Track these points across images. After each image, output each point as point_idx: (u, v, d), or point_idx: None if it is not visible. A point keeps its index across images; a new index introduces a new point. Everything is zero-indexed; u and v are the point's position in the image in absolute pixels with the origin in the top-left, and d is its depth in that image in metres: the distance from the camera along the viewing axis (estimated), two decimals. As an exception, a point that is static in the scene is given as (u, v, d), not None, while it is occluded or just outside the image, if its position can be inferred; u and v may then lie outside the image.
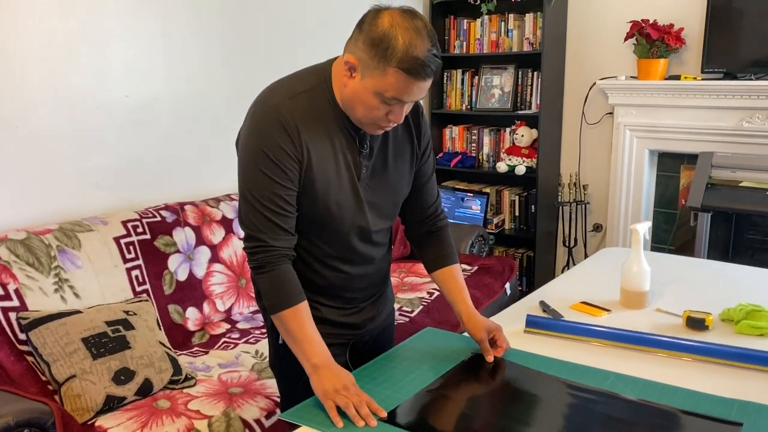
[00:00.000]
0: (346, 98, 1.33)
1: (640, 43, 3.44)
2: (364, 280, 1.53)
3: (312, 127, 1.34)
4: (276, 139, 1.31)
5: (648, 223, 1.83)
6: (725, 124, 3.32)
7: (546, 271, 4.03)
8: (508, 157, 3.95)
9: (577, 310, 1.79)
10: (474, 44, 4.00)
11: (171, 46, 2.70)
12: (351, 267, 1.49)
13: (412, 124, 1.50)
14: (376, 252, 1.53)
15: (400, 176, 1.49)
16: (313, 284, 1.47)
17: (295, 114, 1.33)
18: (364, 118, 1.33)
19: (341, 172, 1.38)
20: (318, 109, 1.35)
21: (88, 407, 1.82)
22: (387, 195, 1.48)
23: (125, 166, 2.58)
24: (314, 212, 1.38)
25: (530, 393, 1.34)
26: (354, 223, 1.43)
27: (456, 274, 1.60)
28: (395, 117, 1.32)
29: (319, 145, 1.35)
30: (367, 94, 1.28)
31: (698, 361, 1.48)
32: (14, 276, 1.99)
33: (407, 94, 1.27)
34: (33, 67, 2.26)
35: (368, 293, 1.57)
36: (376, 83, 1.26)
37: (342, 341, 1.54)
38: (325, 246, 1.45)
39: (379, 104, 1.29)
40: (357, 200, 1.42)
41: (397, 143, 1.47)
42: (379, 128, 1.36)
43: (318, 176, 1.35)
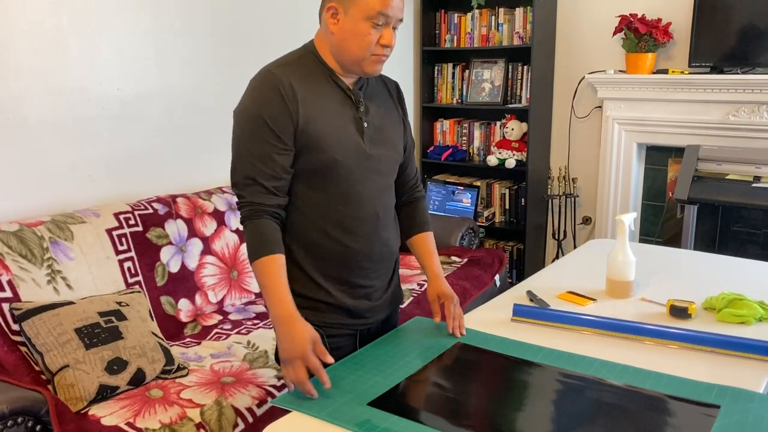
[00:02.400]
0: (338, 44, 1.43)
1: (628, 38, 3.48)
2: (374, 250, 1.54)
3: (307, 86, 1.44)
4: (269, 99, 1.40)
5: (634, 214, 1.86)
6: (712, 118, 3.36)
7: (536, 264, 4.07)
8: (498, 150, 3.98)
9: (564, 300, 1.82)
10: (464, 38, 4.03)
11: (163, 39, 2.71)
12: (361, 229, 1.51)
13: (396, 97, 1.64)
14: (383, 212, 1.56)
15: (395, 136, 1.59)
16: (323, 264, 1.51)
17: (290, 75, 1.43)
18: (359, 51, 1.42)
19: (344, 126, 1.46)
20: (311, 72, 1.46)
21: (82, 396, 1.84)
22: (389, 151, 1.56)
23: (117, 158, 2.59)
24: (320, 164, 1.44)
25: (517, 380, 1.37)
26: (359, 175, 1.48)
27: (428, 240, 1.69)
28: (386, 39, 1.42)
29: (317, 101, 1.44)
30: (356, 25, 1.40)
31: (681, 348, 1.52)
32: (7, 267, 2.00)
33: (390, 7, 1.39)
34: (24, 59, 2.27)
35: (377, 273, 1.58)
36: (360, 9, 1.39)
37: (351, 332, 1.58)
38: (333, 210, 1.48)
39: (369, 29, 1.40)
40: (362, 153, 1.48)
41: (386, 107, 1.59)
42: (377, 60, 1.44)
43: (319, 130, 1.43)
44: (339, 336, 1.55)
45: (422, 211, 1.72)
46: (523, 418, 1.21)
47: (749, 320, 1.63)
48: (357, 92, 1.51)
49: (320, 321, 1.51)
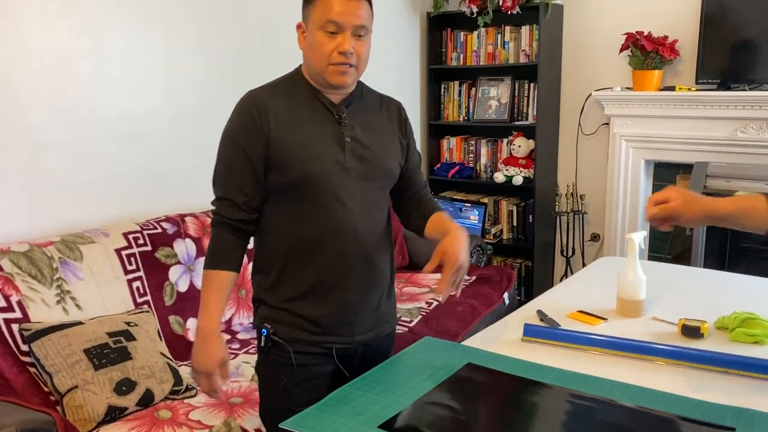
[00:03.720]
0: (306, 59, 1.50)
1: (635, 55, 3.48)
2: (348, 264, 1.51)
3: (284, 105, 1.48)
4: (242, 120, 1.47)
5: (644, 233, 1.85)
6: (720, 135, 3.36)
7: (544, 281, 4.06)
8: (505, 167, 3.99)
9: (574, 319, 1.81)
10: (471, 56, 4.04)
11: (172, 60, 2.73)
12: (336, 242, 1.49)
13: (397, 117, 1.64)
14: (367, 234, 1.52)
15: (386, 155, 1.57)
16: (293, 275, 1.51)
17: (268, 97, 1.49)
18: (318, 61, 1.45)
19: (320, 140, 1.48)
20: (292, 92, 1.51)
21: (90, 418, 1.84)
22: (376, 168, 1.54)
23: (126, 178, 2.61)
24: (293, 178, 1.46)
25: (528, 401, 1.36)
26: (337, 189, 1.48)
27: (441, 214, 1.64)
28: (342, 46, 1.43)
29: (291, 118, 1.48)
30: (313, 36, 1.45)
31: (693, 368, 1.50)
32: (17, 288, 2.01)
33: (339, 14, 1.41)
34: (36, 80, 2.29)
35: (352, 289, 1.53)
36: (314, 21, 1.44)
37: (322, 350, 1.53)
38: (313, 224, 1.48)
39: (323, 38, 1.43)
40: (340, 167, 1.48)
41: (380, 126, 1.59)
42: (338, 71, 1.45)
43: (291, 144, 1.46)
44: (308, 354, 1.52)
45: (431, 201, 1.71)
46: (535, 441, 1.20)
47: (763, 340, 1.62)
48: (340, 108, 1.52)
49: (288, 335, 1.51)
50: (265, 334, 1.52)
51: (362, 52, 1.47)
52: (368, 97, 1.60)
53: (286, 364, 1.51)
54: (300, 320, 1.52)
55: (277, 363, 1.52)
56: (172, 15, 2.70)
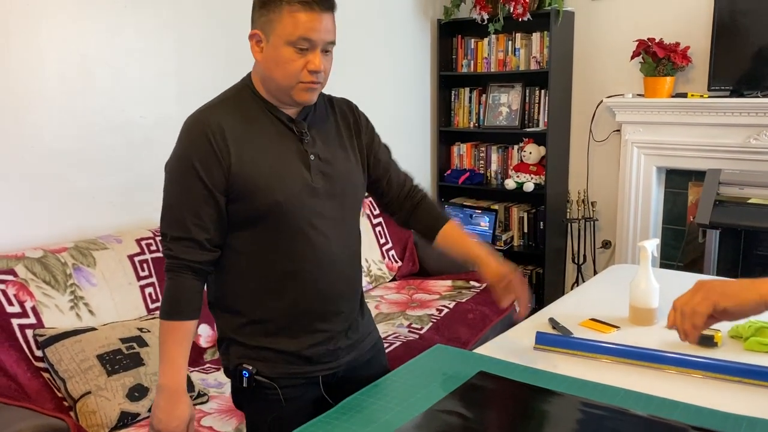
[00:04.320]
0: (264, 72, 1.35)
1: (646, 62, 3.48)
2: (330, 292, 1.43)
3: (240, 126, 1.35)
4: (196, 146, 1.32)
5: (656, 240, 1.85)
6: (732, 141, 3.34)
7: (555, 288, 4.04)
8: (516, 174, 3.98)
9: (587, 327, 1.80)
10: (481, 63, 4.05)
11: (184, 67, 2.75)
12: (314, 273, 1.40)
13: (350, 118, 1.51)
14: (343, 255, 1.44)
15: (350, 167, 1.46)
16: (270, 311, 1.40)
17: (221, 117, 1.34)
18: (285, 79, 1.32)
19: (285, 162, 1.36)
20: (245, 109, 1.38)
21: (103, 423, 1.85)
22: (343, 183, 1.44)
23: (139, 184, 2.62)
24: (260, 207, 1.34)
25: (540, 410, 1.35)
26: (309, 213, 1.37)
27: (455, 226, 1.57)
28: (313, 65, 1.31)
29: (251, 141, 1.34)
30: (278, 51, 1.31)
31: (707, 377, 1.49)
32: (31, 294, 2.03)
33: (312, 30, 1.29)
34: (50, 88, 2.31)
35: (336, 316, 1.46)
36: (280, 35, 1.29)
37: (306, 381, 1.45)
38: (285, 254, 1.37)
39: (292, 54, 1.30)
40: (308, 189, 1.37)
41: (336, 133, 1.47)
42: (306, 88, 1.34)
43: (255, 171, 1.33)
44: (295, 387, 1.43)
45: (434, 207, 1.60)
46: (548, 451, 1.19)
47: (777, 349, 1.60)
48: (299, 122, 1.39)
49: (272, 372, 1.41)
50: (246, 375, 1.40)
51: (328, 67, 1.36)
52: (319, 104, 1.46)
53: (273, 400, 1.41)
54: (284, 355, 1.41)
55: (263, 400, 1.42)
56: (184, 22, 2.73)
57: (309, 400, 1.46)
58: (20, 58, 2.22)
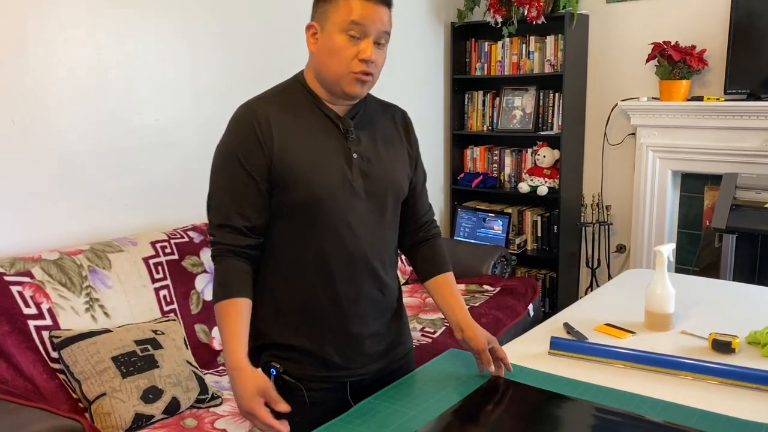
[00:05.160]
0: (319, 64, 1.37)
1: (661, 65, 3.45)
2: (362, 294, 1.42)
3: (287, 118, 1.37)
4: (242, 135, 1.35)
5: (672, 245, 1.83)
6: (749, 145, 3.31)
7: (569, 293, 4.02)
8: (530, 177, 3.97)
9: (602, 332, 1.79)
10: (495, 66, 4.04)
11: (199, 70, 2.77)
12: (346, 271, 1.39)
13: (403, 128, 1.52)
14: (373, 251, 1.42)
15: (395, 168, 1.46)
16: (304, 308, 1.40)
17: (268, 109, 1.36)
18: (337, 67, 1.33)
19: (327, 157, 1.37)
20: (293, 102, 1.40)
21: (118, 425, 1.86)
22: (384, 185, 1.43)
23: (154, 187, 2.64)
24: (297, 199, 1.35)
25: (554, 415, 1.34)
26: (345, 211, 1.37)
27: (450, 281, 1.55)
28: (365, 53, 1.32)
29: (296, 133, 1.36)
30: (332, 38, 1.33)
31: (724, 384, 1.47)
32: (47, 295, 2.04)
33: (364, 17, 1.31)
34: (66, 92, 2.33)
35: (367, 319, 1.45)
36: (334, 21, 1.32)
37: (334, 385, 1.44)
38: (318, 250, 1.37)
39: (345, 42, 1.32)
40: (347, 186, 1.37)
41: (387, 137, 1.47)
42: (356, 79, 1.34)
43: (296, 162, 1.34)
44: (321, 390, 1.42)
45: (441, 251, 1.58)
46: (563, 457, 1.18)
47: (796, 356, 1.58)
48: (347, 120, 1.40)
49: (299, 373, 1.40)
50: (274, 373, 1.40)
51: (380, 61, 1.37)
52: (371, 106, 1.48)
53: (298, 401, 1.38)
54: (311, 357, 1.41)
55: (288, 400, 1.34)
56: (198, 25, 2.74)
57: (334, 406, 1.43)
58: (37, 62, 2.24)
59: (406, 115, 1.55)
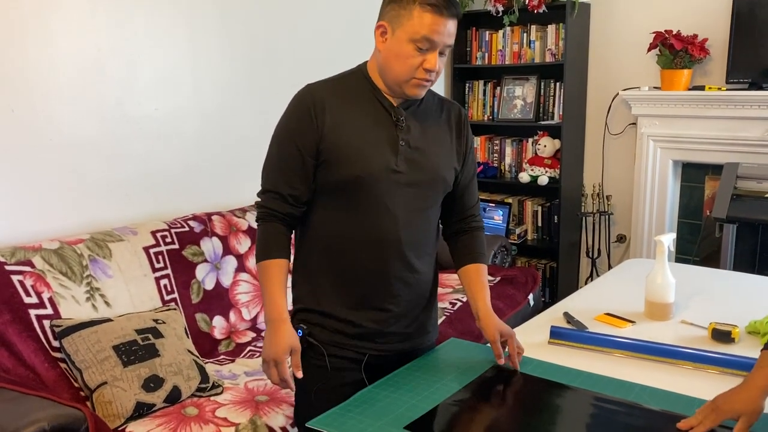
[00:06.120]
0: (383, 62, 1.44)
1: (663, 54, 3.44)
2: (391, 273, 1.49)
3: (342, 102, 1.45)
4: (297, 114, 1.46)
5: (672, 235, 1.83)
6: (750, 135, 3.30)
7: (569, 282, 4.02)
8: (530, 167, 3.96)
9: (602, 322, 1.79)
10: (496, 55, 4.03)
11: (199, 60, 2.76)
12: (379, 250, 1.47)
13: (456, 123, 1.58)
14: (408, 235, 1.49)
15: (440, 160, 1.52)
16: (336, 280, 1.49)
17: (326, 92, 1.46)
18: (402, 72, 1.41)
19: (374, 142, 1.45)
20: (351, 89, 1.48)
21: (119, 413, 1.86)
22: (426, 174, 1.49)
23: (154, 177, 2.64)
24: (341, 178, 1.44)
25: (554, 404, 1.35)
26: (385, 195, 1.45)
27: (481, 271, 1.62)
28: (429, 64, 1.39)
29: (348, 116, 1.45)
30: (400, 45, 1.39)
31: (724, 373, 1.48)
32: (48, 285, 2.05)
33: (435, 33, 1.37)
34: (66, 81, 2.33)
35: (395, 298, 1.51)
36: (406, 30, 1.38)
37: (355, 355, 1.51)
38: (356, 229, 1.46)
39: (413, 51, 1.38)
40: (390, 171, 1.45)
41: (437, 128, 1.54)
42: (418, 84, 1.42)
43: (344, 143, 1.43)
44: (342, 358, 1.51)
45: (479, 243, 1.64)
46: (562, 445, 1.19)
47: (795, 345, 1.58)
48: (399, 110, 1.47)
49: (323, 339, 1.50)
50: (300, 334, 1.49)
51: (441, 68, 1.44)
52: (428, 101, 1.55)
53: (320, 366, 1.50)
54: (337, 324, 1.50)
55: (311, 366, 1.49)
56: (199, 14, 2.73)
57: (353, 380, 1.50)
58: (36, 51, 2.23)
59: (462, 111, 1.61)
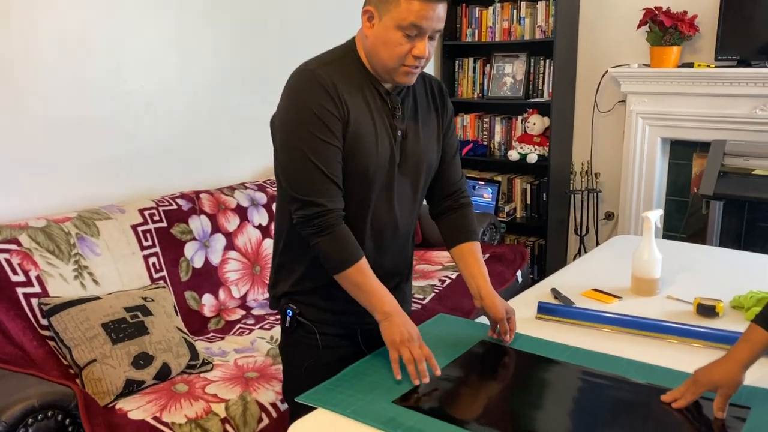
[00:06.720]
0: (371, 48, 1.38)
1: (653, 31, 3.43)
2: (385, 260, 1.50)
3: (348, 88, 1.38)
4: (318, 98, 1.34)
5: (660, 211, 1.84)
6: (738, 112, 3.31)
7: (557, 260, 4.05)
8: (519, 145, 3.96)
9: (589, 297, 1.81)
10: (486, 32, 4.00)
11: (186, 37, 2.72)
12: (376, 239, 1.47)
13: (438, 98, 1.55)
14: (405, 228, 1.51)
15: (429, 146, 1.50)
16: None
17: (332, 76, 1.36)
18: (389, 60, 1.35)
19: (379, 133, 1.41)
20: (350, 74, 1.40)
21: (109, 390, 1.87)
22: (418, 163, 1.48)
23: (142, 154, 2.62)
24: (349, 170, 1.38)
25: (541, 378, 1.36)
26: (387, 186, 1.44)
27: (475, 250, 1.58)
28: (419, 51, 1.34)
29: (357, 105, 1.38)
30: (388, 32, 1.33)
31: (709, 347, 1.50)
32: (35, 263, 2.04)
33: (424, 19, 1.31)
34: (51, 58, 2.29)
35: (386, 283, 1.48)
36: (393, 17, 1.32)
37: (345, 332, 1.51)
38: (357, 219, 1.43)
39: (401, 38, 1.33)
40: (391, 164, 1.43)
41: (423, 113, 1.50)
42: (407, 72, 1.37)
43: (359, 134, 1.37)
44: (334, 336, 1.50)
45: (469, 221, 1.61)
46: (547, 417, 1.21)
47: (779, 319, 1.60)
48: (395, 98, 1.43)
49: (313, 317, 1.49)
50: (290, 314, 1.48)
51: (432, 52, 1.39)
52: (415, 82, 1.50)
53: (311, 345, 1.49)
54: (326, 302, 1.49)
55: (302, 344, 1.50)
56: (185, -10, 2.69)
57: (345, 355, 1.50)
58: (21, 28, 2.19)
59: (442, 85, 1.58)
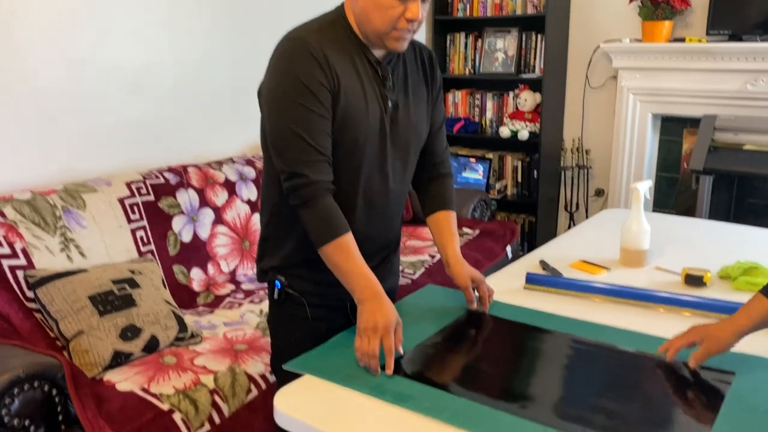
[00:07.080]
0: (361, 12, 1.32)
1: (645, 5, 3.41)
2: (375, 232, 1.48)
3: (338, 56, 1.33)
4: (307, 67, 1.29)
5: (649, 182, 1.84)
6: (729, 87, 3.31)
7: (547, 236, 4.05)
8: (511, 121, 3.94)
9: (577, 269, 1.81)
10: (477, 7, 3.96)
11: (173, 9, 2.68)
12: (370, 215, 1.45)
13: (428, 67, 1.51)
14: (396, 199, 1.49)
15: (420, 117, 1.48)
16: None
17: (322, 43, 1.31)
18: (381, 24, 1.30)
19: (370, 103, 1.37)
20: (340, 42, 1.35)
21: (96, 362, 1.86)
22: (408, 135, 1.45)
23: (128, 128, 2.59)
24: (339, 140, 1.34)
25: (529, 346, 1.37)
26: (378, 158, 1.40)
27: (449, 219, 1.57)
28: (411, 13, 1.29)
29: (348, 73, 1.34)
30: None
31: (696, 315, 1.50)
32: (20, 235, 2.01)
33: None
34: (36, 29, 2.25)
35: (375, 254, 1.51)
36: None
37: (335, 304, 1.49)
38: (348, 190, 1.40)
39: (393, 2, 1.28)
40: (381, 135, 1.39)
41: (414, 84, 1.47)
42: (399, 37, 1.33)
43: (349, 104, 1.33)
44: (323, 307, 1.48)
45: (447, 191, 1.60)
46: (535, 383, 1.21)
47: (765, 289, 1.61)
48: (385, 67, 1.39)
49: (301, 289, 1.46)
50: (279, 287, 1.46)
51: (424, 16, 1.34)
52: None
53: (300, 317, 1.47)
54: (315, 274, 1.45)
55: (291, 316, 1.48)
56: (172, -40, 2.64)
57: (335, 327, 1.46)
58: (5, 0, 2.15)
59: (432, 54, 1.54)
